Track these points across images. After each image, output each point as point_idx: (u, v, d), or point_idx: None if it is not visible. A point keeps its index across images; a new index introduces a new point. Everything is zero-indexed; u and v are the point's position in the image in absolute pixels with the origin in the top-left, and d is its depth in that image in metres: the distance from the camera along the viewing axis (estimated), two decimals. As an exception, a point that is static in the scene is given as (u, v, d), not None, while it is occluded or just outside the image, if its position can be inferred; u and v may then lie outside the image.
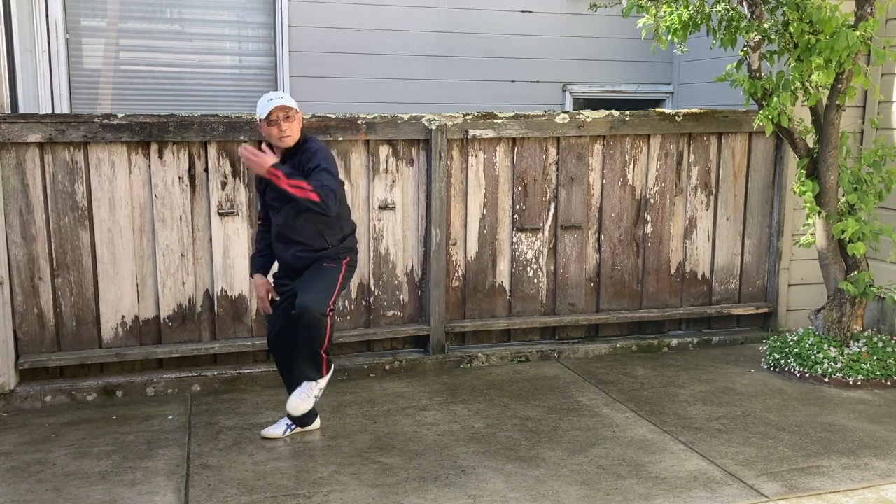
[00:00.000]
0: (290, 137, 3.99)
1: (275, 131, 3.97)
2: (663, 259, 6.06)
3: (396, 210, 5.48)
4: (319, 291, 4.02)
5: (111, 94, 7.23)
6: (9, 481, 3.90)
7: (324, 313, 3.98)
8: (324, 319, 3.99)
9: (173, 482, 3.89)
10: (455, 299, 5.69)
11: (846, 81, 5.20)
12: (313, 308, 3.94)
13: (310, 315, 3.94)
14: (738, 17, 5.35)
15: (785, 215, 6.12)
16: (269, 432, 4.37)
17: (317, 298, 3.98)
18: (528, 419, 4.68)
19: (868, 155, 5.41)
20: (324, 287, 4.05)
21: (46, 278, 4.93)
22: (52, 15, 6.81)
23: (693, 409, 4.85)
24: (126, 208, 5.01)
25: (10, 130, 4.73)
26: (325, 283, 4.07)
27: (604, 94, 8.36)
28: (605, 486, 3.85)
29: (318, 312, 3.96)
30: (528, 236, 5.78)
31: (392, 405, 4.90)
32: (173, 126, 4.97)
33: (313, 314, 3.94)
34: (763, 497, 3.75)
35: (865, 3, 5.12)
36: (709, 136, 6.00)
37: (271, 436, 4.35)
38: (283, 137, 3.98)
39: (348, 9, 7.55)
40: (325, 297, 4.01)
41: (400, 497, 3.74)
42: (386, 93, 7.66)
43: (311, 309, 3.94)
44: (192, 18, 7.40)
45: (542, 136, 5.66)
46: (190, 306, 5.20)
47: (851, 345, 5.48)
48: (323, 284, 4.06)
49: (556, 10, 8.12)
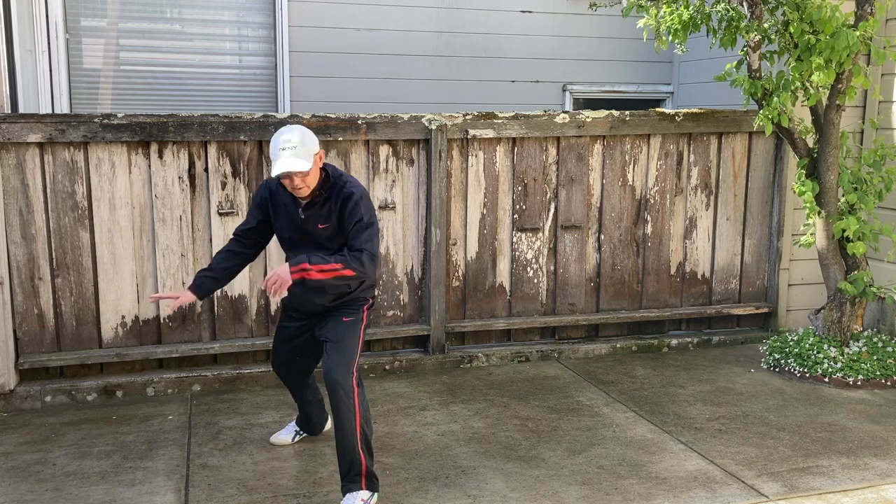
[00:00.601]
0: (305, 189, 3.54)
1: (287, 183, 3.54)
2: (663, 259, 6.06)
3: (396, 210, 5.48)
4: (342, 361, 3.61)
5: (111, 94, 7.23)
6: (9, 481, 3.90)
7: (351, 386, 3.57)
8: (351, 394, 3.56)
9: (173, 482, 3.89)
10: (455, 299, 5.69)
11: (846, 81, 5.20)
12: (342, 385, 3.55)
13: (336, 394, 3.55)
14: (738, 17, 5.35)
15: (785, 215, 6.12)
16: (278, 439, 4.31)
17: (342, 373, 3.58)
18: (528, 419, 4.68)
19: (868, 155, 5.41)
20: (347, 354, 3.64)
21: (46, 278, 4.93)
22: (52, 15, 6.81)
23: (693, 409, 4.85)
24: (126, 208, 5.01)
25: (10, 130, 4.73)
26: (348, 348, 3.66)
27: (604, 94, 8.36)
28: (605, 486, 3.85)
29: (347, 387, 3.56)
30: (528, 236, 5.78)
31: (392, 405, 4.90)
32: (173, 126, 4.97)
33: (339, 394, 3.55)
34: (763, 497, 3.76)
35: (865, 3, 5.13)
36: (709, 136, 6.00)
37: (280, 443, 4.29)
38: (298, 189, 3.54)
39: (348, 9, 7.55)
40: (349, 366, 3.61)
41: (400, 497, 3.74)
42: (386, 93, 7.65)
43: (339, 386, 3.55)
44: (192, 18, 7.40)
45: (542, 136, 5.66)
46: (190, 306, 5.20)
47: (851, 345, 5.48)
48: (345, 350, 3.65)
49: (556, 10, 8.12)
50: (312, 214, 3.62)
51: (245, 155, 5.15)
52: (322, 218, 3.60)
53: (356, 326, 3.74)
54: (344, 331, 3.70)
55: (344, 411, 3.55)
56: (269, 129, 5.09)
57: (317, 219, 3.61)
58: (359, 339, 3.73)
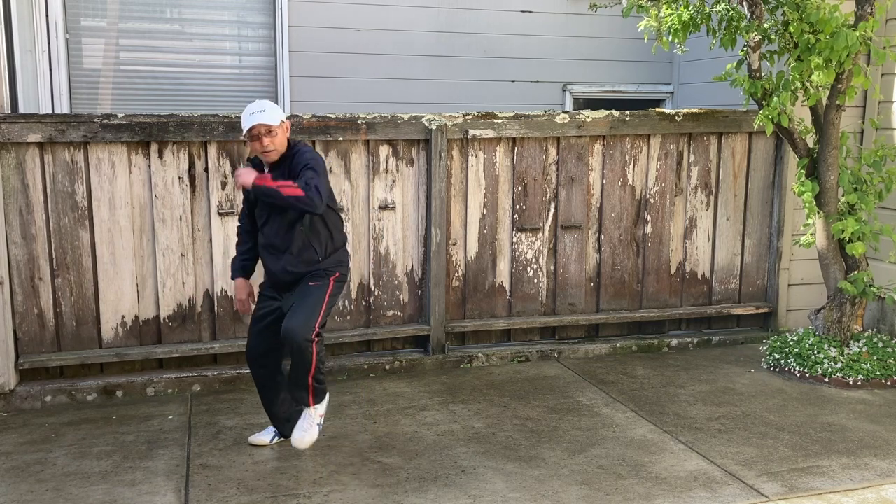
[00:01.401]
0: (274, 152, 3.89)
1: (257, 146, 3.88)
2: (663, 259, 6.06)
3: (396, 210, 5.48)
4: (303, 315, 3.85)
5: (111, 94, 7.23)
6: (9, 481, 3.90)
7: (308, 339, 3.80)
8: (308, 345, 3.80)
9: (173, 482, 3.89)
10: (455, 299, 5.69)
11: (846, 81, 5.20)
12: (297, 334, 3.78)
13: (293, 341, 3.79)
14: (738, 17, 5.35)
15: (785, 215, 6.12)
16: (256, 439, 4.32)
17: (301, 323, 3.82)
18: (528, 419, 4.68)
19: (868, 155, 5.41)
20: (308, 310, 3.88)
21: (46, 278, 4.93)
22: (52, 15, 6.81)
23: (693, 409, 4.85)
24: (126, 208, 5.01)
25: (10, 130, 4.73)
26: (311, 306, 3.90)
27: (604, 94, 8.36)
28: (605, 486, 3.85)
29: (303, 338, 3.79)
30: (528, 236, 5.78)
31: (392, 405, 4.90)
32: (173, 126, 4.97)
33: (297, 340, 3.78)
34: (763, 497, 3.76)
35: (865, 3, 5.13)
36: (709, 136, 6.00)
37: (258, 443, 4.29)
38: (266, 152, 3.88)
39: (348, 9, 7.55)
40: (308, 321, 3.84)
41: (400, 497, 3.74)
42: (386, 93, 7.65)
43: (295, 335, 3.78)
44: (192, 18, 7.40)
45: (542, 136, 5.66)
46: (190, 306, 5.20)
47: (851, 345, 5.48)
48: (308, 307, 3.89)
49: (556, 10, 8.12)
50: (274, 178, 3.86)
51: (245, 155, 5.14)
52: (281, 178, 3.82)
53: (321, 289, 3.96)
54: (308, 292, 3.94)
55: (303, 353, 3.80)
56: (269, 129, 5.09)
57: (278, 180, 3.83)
58: (323, 301, 3.93)
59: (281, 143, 3.90)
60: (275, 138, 3.87)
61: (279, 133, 3.88)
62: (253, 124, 3.83)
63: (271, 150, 3.87)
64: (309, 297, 3.93)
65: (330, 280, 4.01)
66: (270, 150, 3.87)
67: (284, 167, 3.91)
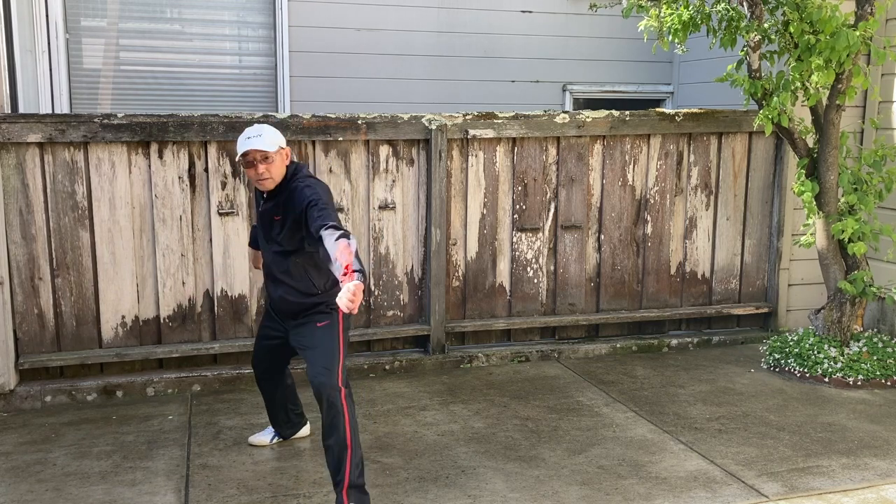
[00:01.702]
0: (270, 180, 3.60)
1: (252, 173, 3.61)
2: (663, 259, 6.06)
3: (396, 210, 5.48)
4: (324, 364, 3.57)
5: (111, 94, 7.23)
6: (9, 481, 3.90)
7: (337, 387, 3.52)
8: (337, 395, 3.51)
9: (173, 482, 3.89)
10: (455, 299, 5.69)
11: (846, 81, 5.20)
12: (326, 386, 3.51)
13: (325, 394, 3.51)
14: (738, 17, 5.35)
15: (785, 215, 6.12)
16: (256, 439, 4.32)
17: (324, 375, 3.54)
18: (528, 419, 4.68)
19: (868, 155, 5.41)
20: (327, 357, 3.60)
21: (46, 278, 4.93)
22: (52, 15, 6.81)
23: (693, 409, 4.85)
24: (126, 208, 5.01)
25: (10, 130, 4.73)
26: (328, 352, 3.63)
27: (604, 94, 8.36)
28: (605, 486, 3.85)
29: (332, 388, 3.51)
30: (528, 236, 5.78)
31: (392, 405, 4.90)
32: (173, 126, 4.97)
33: (325, 392, 3.50)
34: (763, 497, 3.76)
35: (865, 2, 5.13)
36: (709, 136, 6.00)
37: (258, 443, 4.30)
38: (261, 180, 3.61)
39: (348, 9, 7.55)
40: (332, 367, 3.56)
41: (400, 497, 3.74)
42: (386, 93, 7.65)
43: (323, 388, 3.51)
44: (192, 18, 7.40)
45: (542, 136, 5.66)
46: (190, 306, 5.20)
47: (851, 345, 5.48)
48: (325, 355, 3.61)
49: (556, 10, 8.12)
50: (269, 208, 3.69)
51: (245, 155, 5.14)
52: (276, 209, 3.65)
53: (332, 329, 3.69)
54: (320, 336, 3.67)
55: (333, 414, 3.50)
56: (269, 129, 5.09)
57: (272, 211, 3.67)
58: (338, 341, 3.67)
59: (278, 171, 3.61)
60: (271, 165, 3.58)
61: (276, 160, 3.59)
62: (247, 149, 3.57)
63: (266, 178, 3.60)
64: (321, 345, 3.65)
65: (338, 317, 3.72)
66: (266, 178, 3.60)
67: (282, 197, 3.64)
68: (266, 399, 4.22)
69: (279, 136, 3.66)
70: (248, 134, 3.62)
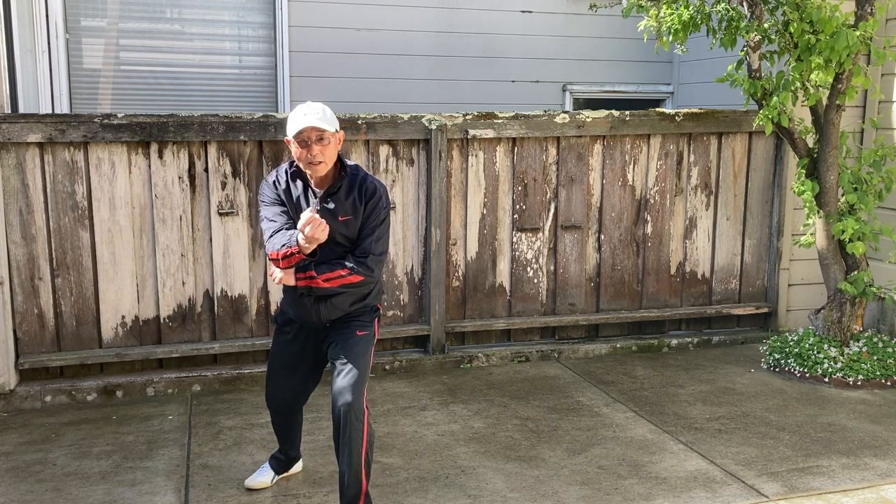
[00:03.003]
0: (323, 165, 3.27)
1: (304, 154, 3.25)
2: (663, 259, 6.06)
3: (396, 210, 5.48)
4: (356, 381, 3.31)
5: (111, 94, 7.23)
6: (9, 481, 3.90)
7: (362, 409, 3.31)
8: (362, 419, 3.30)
9: (173, 482, 3.89)
10: (455, 299, 5.69)
11: (846, 81, 5.20)
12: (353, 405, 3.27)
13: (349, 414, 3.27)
14: (738, 17, 5.35)
15: (785, 215, 6.12)
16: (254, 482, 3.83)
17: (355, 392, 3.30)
18: (528, 419, 4.68)
19: (868, 155, 5.41)
20: (361, 373, 3.34)
21: (46, 278, 4.93)
22: (52, 15, 6.81)
23: (693, 409, 4.85)
24: (126, 208, 5.01)
25: (10, 130, 4.73)
26: (362, 368, 3.37)
27: (604, 94, 8.36)
28: (605, 486, 3.85)
29: (359, 411, 3.29)
30: (528, 236, 5.78)
31: (392, 405, 4.90)
32: (173, 126, 4.97)
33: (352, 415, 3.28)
34: (763, 497, 3.76)
35: (865, 3, 5.13)
36: (709, 136, 6.00)
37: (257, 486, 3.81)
38: (314, 164, 3.26)
39: (348, 9, 7.55)
40: (360, 386, 3.32)
41: (400, 497, 3.74)
42: (386, 93, 7.65)
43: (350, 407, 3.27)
44: (192, 18, 7.40)
45: (542, 136, 5.66)
46: (190, 306, 5.20)
47: (851, 345, 5.48)
48: (360, 370, 3.35)
49: (556, 10, 8.12)
50: (331, 207, 3.33)
51: (245, 155, 5.15)
52: (345, 210, 3.34)
53: (369, 342, 3.48)
54: (360, 349, 3.42)
55: (353, 435, 3.28)
56: (268, 129, 5.09)
57: (336, 212, 3.33)
58: (370, 356, 3.48)
59: (332, 155, 3.30)
60: (326, 147, 3.25)
61: (332, 143, 3.27)
62: (303, 127, 3.21)
63: (320, 161, 3.25)
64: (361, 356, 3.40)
65: (375, 323, 3.56)
66: (319, 162, 3.26)
67: (349, 197, 3.34)
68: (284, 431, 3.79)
69: (335, 117, 3.34)
70: (304, 111, 3.26)
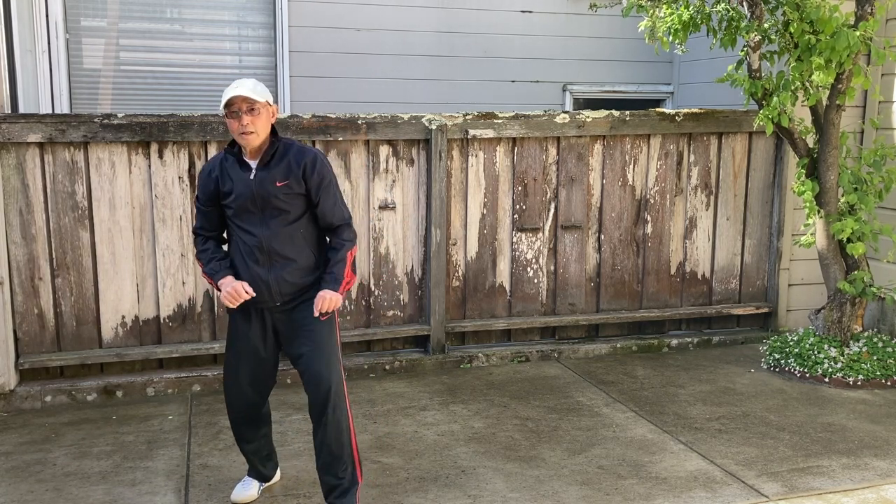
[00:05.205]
0: (255, 135, 3.30)
1: (235, 125, 3.30)
2: (663, 259, 6.06)
3: (396, 210, 5.48)
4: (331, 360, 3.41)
5: (111, 94, 7.23)
6: (9, 481, 3.90)
7: (342, 392, 3.40)
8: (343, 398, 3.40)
9: (173, 482, 3.89)
10: (455, 299, 5.69)
11: (846, 81, 5.20)
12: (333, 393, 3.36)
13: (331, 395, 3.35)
14: (738, 17, 5.35)
15: (785, 215, 6.12)
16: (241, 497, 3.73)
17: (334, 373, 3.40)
18: (528, 419, 4.68)
19: (868, 155, 5.41)
20: (332, 357, 3.42)
21: (46, 278, 4.93)
22: (52, 15, 6.81)
23: (693, 409, 4.85)
24: (126, 208, 5.01)
25: (10, 130, 4.73)
26: (332, 344, 3.45)
27: (604, 94, 8.36)
28: (605, 486, 3.85)
29: (340, 391, 3.39)
30: (528, 236, 5.78)
31: (392, 405, 4.90)
32: (173, 126, 4.97)
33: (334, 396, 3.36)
34: (763, 497, 3.76)
35: (865, 3, 5.13)
36: (709, 136, 6.00)
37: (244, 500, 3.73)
38: (245, 134, 3.29)
39: (348, 9, 7.55)
40: (338, 364, 3.44)
41: (400, 497, 3.74)
42: (386, 93, 7.65)
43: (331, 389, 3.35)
44: (192, 18, 7.40)
45: (542, 136, 5.66)
46: (190, 306, 5.20)
47: (851, 345, 5.48)
48: (331, 347, 3.44)
49: (556, 10, 8.12)
50: (268, 174, 3.35)
51: (245, 155, 5.14)
52: (280, 175, 3.35)
53: (332, 321, 3.49)
54: (323, 326, 3.44)
55: (340, 417, 3.38)
56: (269, 129, 5.09)
57: (273, 178, 3.35)
58: (336, 335, 3.51)
59: (264, 126, 3.33)
60: (256, 118, 3.29)
61: (263, 114, 3.31)
62: (233, 96, 3.26)
63: (251, 131, 3.29)
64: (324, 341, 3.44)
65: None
66: (251, 132, 3.29)
67: (283, 162, 3.37)
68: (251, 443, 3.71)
69: (267, 90, 3.39)
70: (236, 84, 3.33)
